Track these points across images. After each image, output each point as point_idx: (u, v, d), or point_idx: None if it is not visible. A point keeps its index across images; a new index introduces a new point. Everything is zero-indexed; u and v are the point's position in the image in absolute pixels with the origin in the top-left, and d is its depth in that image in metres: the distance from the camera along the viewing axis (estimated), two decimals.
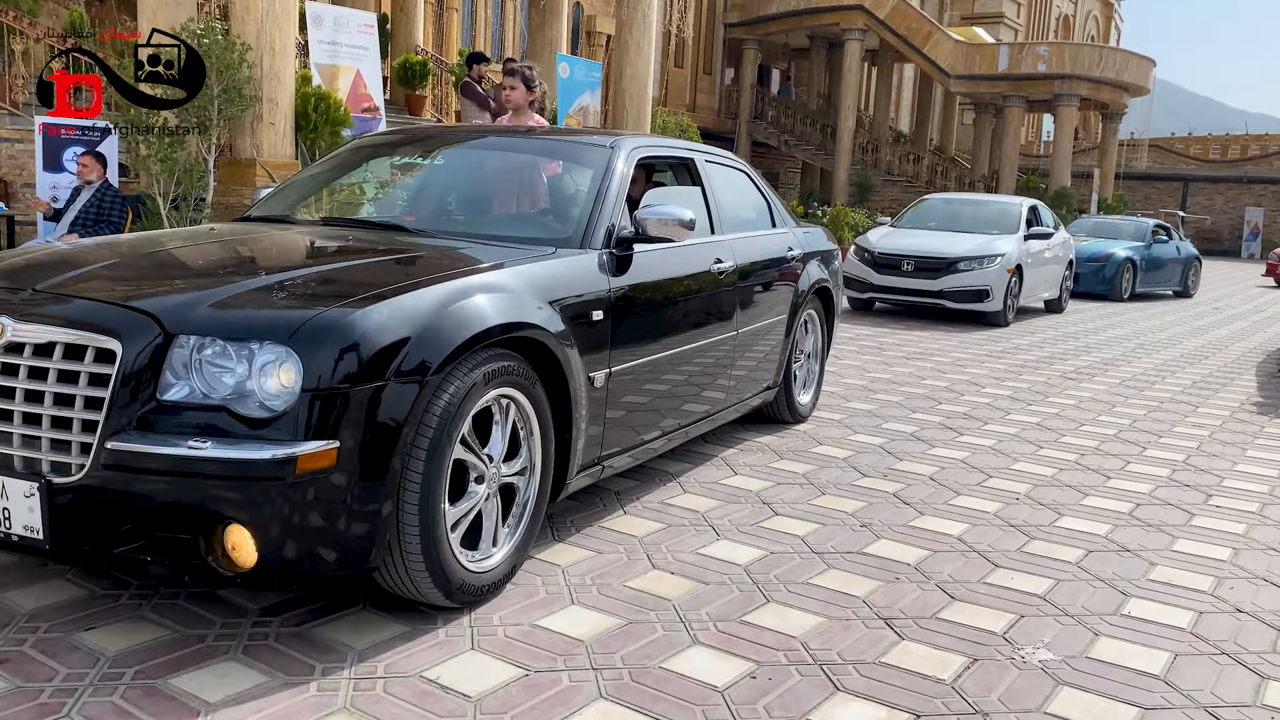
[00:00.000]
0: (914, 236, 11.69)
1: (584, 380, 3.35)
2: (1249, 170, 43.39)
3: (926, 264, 10.98)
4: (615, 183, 3.90)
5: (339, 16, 9.97)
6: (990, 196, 14.04)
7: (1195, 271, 17.73)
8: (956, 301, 10.89)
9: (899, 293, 11.27)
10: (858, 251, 11.63)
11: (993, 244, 11.13)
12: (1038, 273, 12.02)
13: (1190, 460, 5.44)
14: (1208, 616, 3.28)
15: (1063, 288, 13.27)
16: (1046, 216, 12.78)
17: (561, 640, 2.86)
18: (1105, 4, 51.33)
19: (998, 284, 10.82)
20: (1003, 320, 11.06)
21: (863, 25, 28.92)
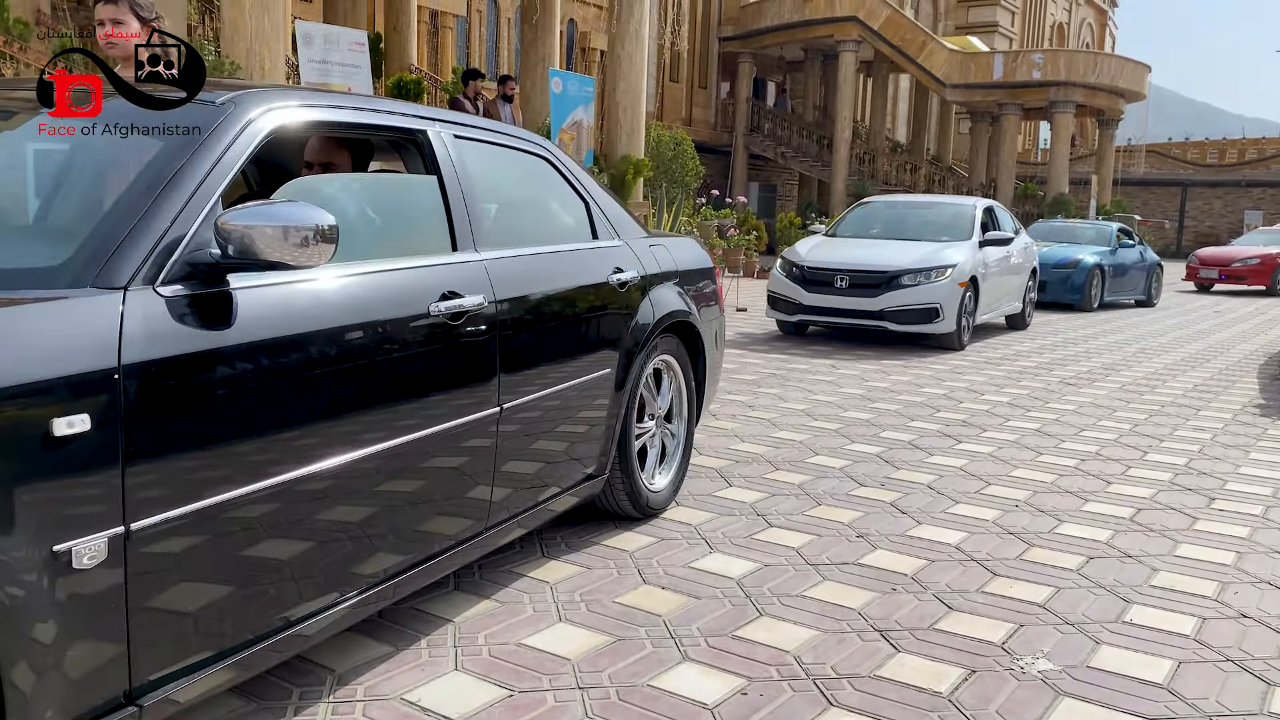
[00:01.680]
0: (850, 247, 10.09)
1: None
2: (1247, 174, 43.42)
3: (864, 279, 9.34)
4: (207, 165, 2.24)
5: (329, 35, 9.96)
6: (939, 198, 12.07)
7: (1158, 278, 16.86)
8: (900, 323, 9.29)
9: (832, 314, 9.59)
10: (784, 266, 10.02)
11: (942, 253, 9.54)
12: (996, 284, 10.50)
13: (1192, 464, 5.36)
14: (1212, 622, 3.20)
15: (1026, 300, 11.76)
16: (1005, 219, 11.27)
17: (548, 659, 2.78)
18: (1099, 11, 51.47)
19: (949, 300, 9.22)
20: (956, 343, 9.51)
21: (857, 36, 28.98)
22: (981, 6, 40.25)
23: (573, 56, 26.39)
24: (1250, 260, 19.24)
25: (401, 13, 17.27)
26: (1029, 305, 11.90)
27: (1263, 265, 19.20)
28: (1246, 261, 19.27)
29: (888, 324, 9.32)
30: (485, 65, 24.37)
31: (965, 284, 9.35)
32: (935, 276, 9.18)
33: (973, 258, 9.66)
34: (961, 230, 10.19)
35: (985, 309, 10.24)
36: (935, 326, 9.28)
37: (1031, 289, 11.94)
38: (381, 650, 2.80)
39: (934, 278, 9.18)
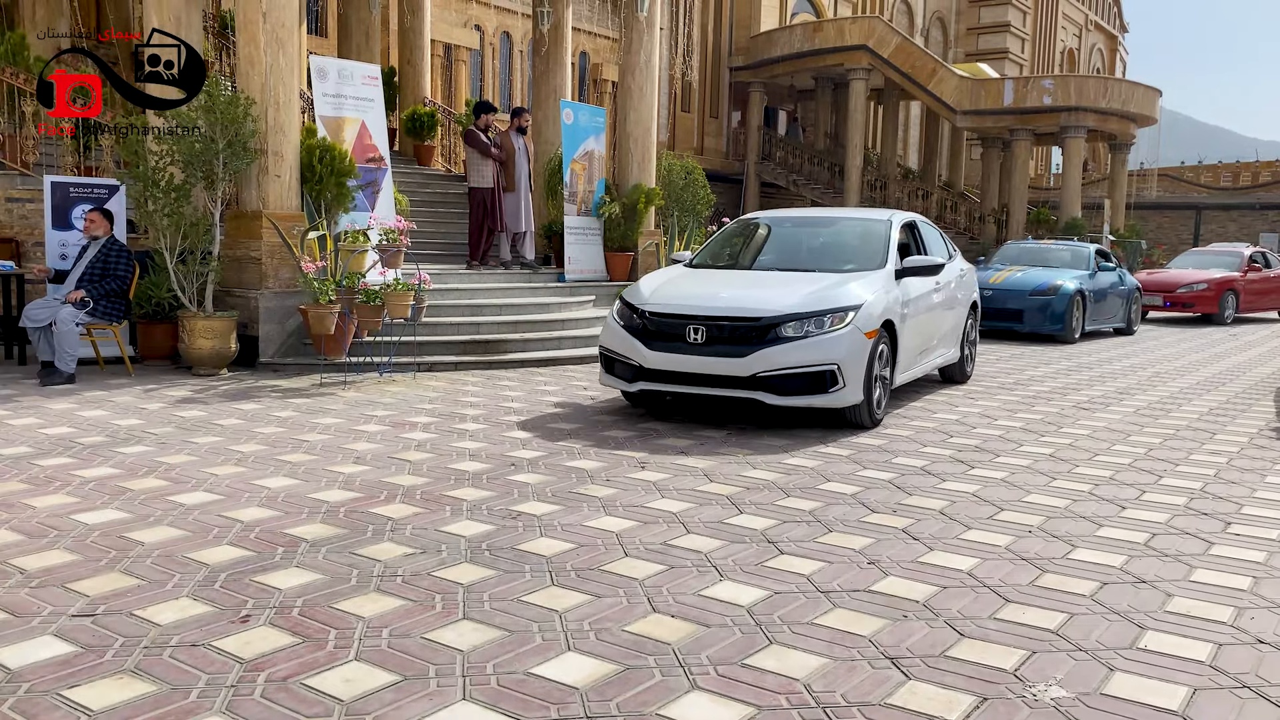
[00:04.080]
0: (714, 283, 7.21)
1: None
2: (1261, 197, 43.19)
3: (728, 330, 6.43)
4: None
5: (343, 69, 10.08)
6: (844, 212, 9.25)
7: (1137, 304, 15.65)
8: (783, 393, 6.35)
9: (684, 380, 6.55)
10: (621, 311, 6.99)
11: (842, 289, 6.69)
12: (922, 328, 7.68)
13: (1208, 488, 5.31)
14: (1227, 648, 3.16)
15: (965, 345, 9.03)
16: (934, 240, 8.73)
17: (556, 688, 2.77)
18: (1109, 36, 51.56)
19: (851, 358, 6.38)
20: (864, 418, 6.66)
21: (867, 64, 29.10)
22: (991, 34, 40.40)
23: (585, 88, 26.60)
24: (1198, 285, 17.48)
25: (415, 47, 17.47)
26: (969, 350, 9.23)
27: (1210, 291, 17.42)
28: (1193, 287, 17.51)
29: (763, 395, 6.36)
30: (499, 97, 24.60)
31: (875, 333, 6.57)
32: (831, 324, 6.39)
33: (886, 294, 6.93)
34: (871, 256, 7.47)
35: (908, 364, 7.46)
36: (833, 397, 6.40)
37: (973, 329, 9.31)
38: (389, 679, 2.79)
39: (829, 325, 6.38)
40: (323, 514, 4.43)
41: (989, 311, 12.96)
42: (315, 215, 9.10)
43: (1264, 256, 18.79)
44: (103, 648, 2.96)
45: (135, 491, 4.72)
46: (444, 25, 21.99)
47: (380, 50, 16.90)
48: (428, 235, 12.57)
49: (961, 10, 40.75)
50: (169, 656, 2.91)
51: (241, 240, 9.11)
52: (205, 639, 3.03)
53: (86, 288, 7.91)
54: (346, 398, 7.52)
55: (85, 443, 5.71)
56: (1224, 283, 17.36)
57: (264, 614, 3.25)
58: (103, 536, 4.03)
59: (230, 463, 5.35)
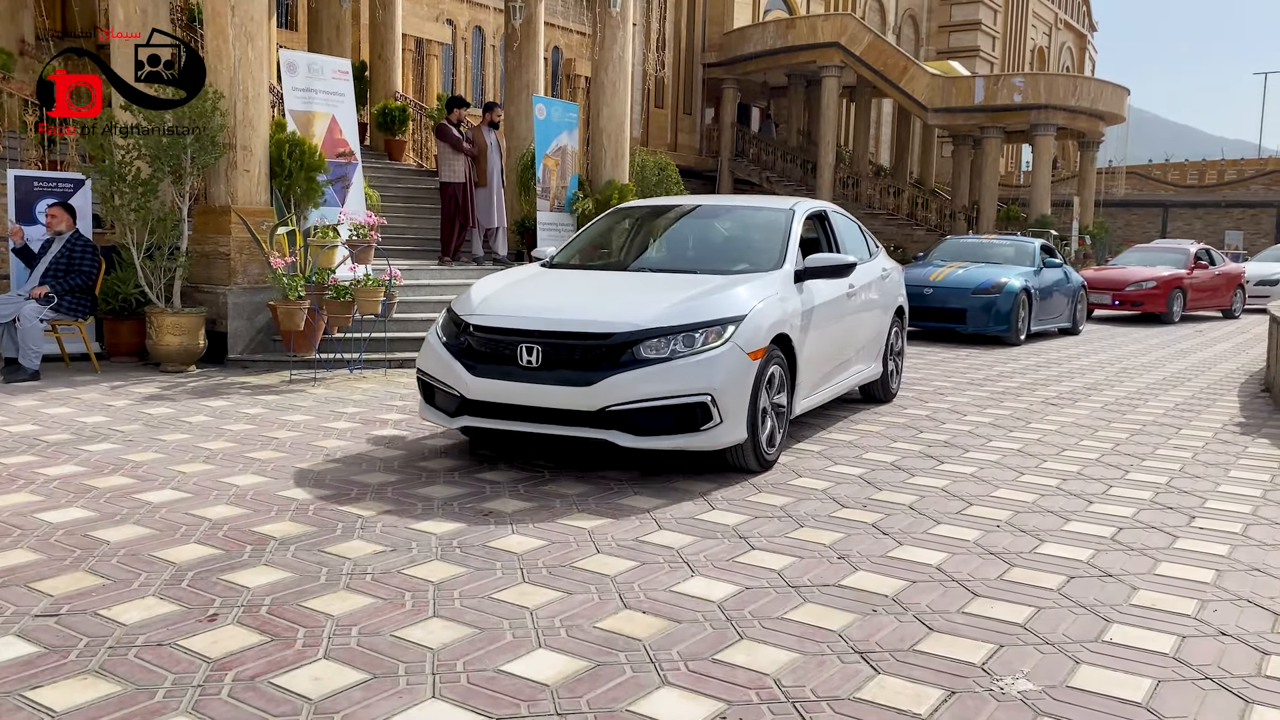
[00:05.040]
0: (564, 288, 5.83)
1: None
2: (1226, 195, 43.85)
3: (570, 351, 5.03)
4: None
5: (313, 63, 9.98)
6: (740, 201, 7.41)
7: (1082, 302, 14.89)
8: (640, 432, 4.94)
9: (515, 415, 5.12)
10: (445, 325, 5.56)
11: (720, 296, 5.34)
12: (831, 342, 6.37)
13: (1173, 482, 5.38)
14: (1191, 640, 3.20)
15: (888, 357, 7.66)
16: (847, 233, 7.32)
17: (526, 685, 2.77)
18: (1079, 35, 52.06)
19: (730, 383, 5.00)
20: (750, 459, 5.24)
21: (839, 62, 29.22)
22: (962, 32, 40.70)
23: (558, 83, 26.54)
24: (1147, 284, 16.83)
25: (386, 41, 17.34)
26: (895, 364, 7.97)
27: (1159, 289, 16.79)
28: (1142, 285, 16.84)
29: (615, 436, 4.91)
30: (471, 92, 24.49)
31: (763, 351, 5.18)
32: (705, 341, 5.00)
33: (782, 301, 5.60)
34: (767, 254, 6.12)
35: (812, 386, 6.12)
36: (706, 436, 4.96)
37: (899, 339, 8.01)
38: (358, 678, 2.78)
39: (702, 343, 4.99)
40: (292, 512, 4.40)
41: (929, 311, 12.58)
42: (285, 210, 9.02)
43: (1208, 254, 18.45)
44: (66, 648, 2.92)
45: (101, 489, 4.67)
46: (415, 19, 21.86)
47: (351, 44, 16.78)
48: (399, 231, 12.50)
49: (933, 8, 41.03)
50: (134, 656, 2.88)
51: (210, 235, 9.01)
52: (171, 638, 3.00)
53: (51, 283, 7.81)
54: (316, 395, 7.46)
55: (50, 440, 5.63)
56: (1172, 281, 16.92)
57: (232, 613, 3.22)
58: (67, 535, 3.98)
59: (198, 460, 5.30)
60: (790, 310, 5.68)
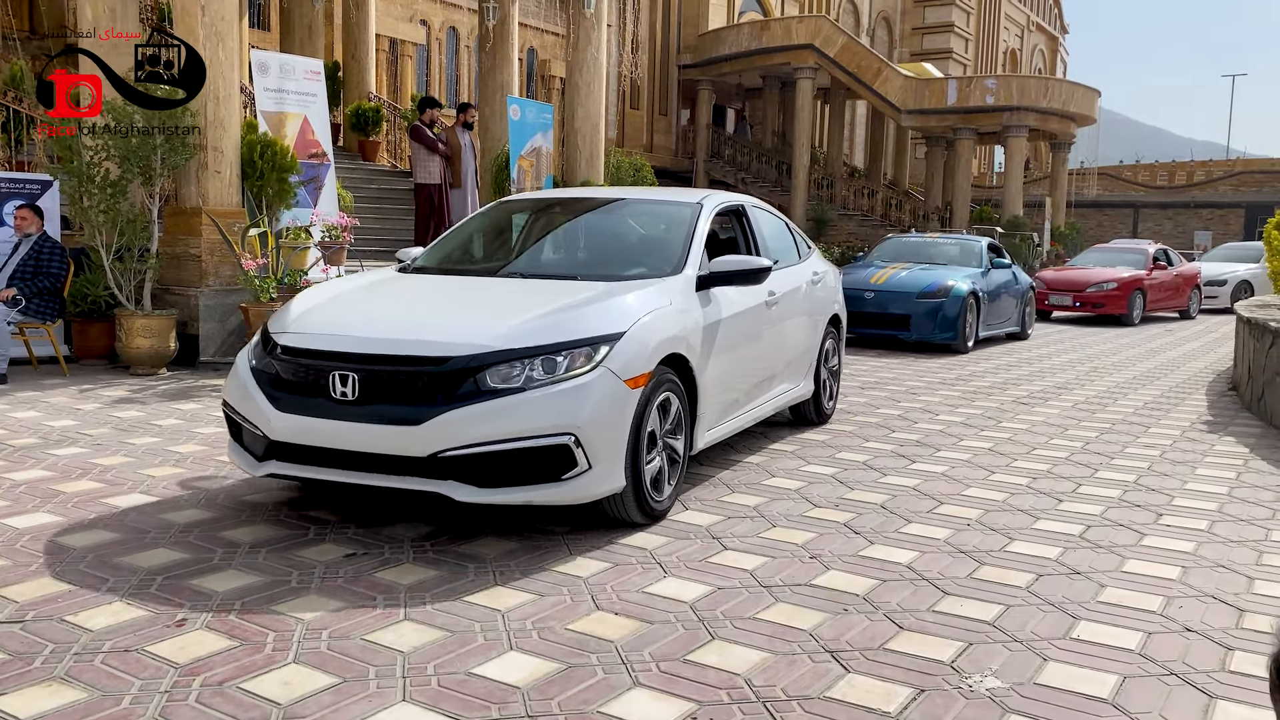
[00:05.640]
0: (406, 297, 4.92)
1: None
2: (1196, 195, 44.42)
3: (394, 378, 4.03)
4: None
5: (285, 63, 9.92)
6: (639, 193, 6.49)
7: (1031, 305, 14.07)
8: (483, 483, 3.91)
9: (328, 461, 4.06)
10: (258, 344, 4.52)
11: (593, 309, 4.39)
12: (745, 359, 5.41)
13: (1141, 480, 5.44)
14: (1157, 637, 3.24)
15: (821, 373, 6.70)
16: (772, 232, 6.36)
17: (497, 688, 2.76)
18: (1051, 37, 52.52)
19: (601, 419, 4.01)
20: (632, 511, 4.25)
21: (813, 64, 29.34)
22: (936, 33, 40.96)
23: (533, 84, 26.50)
24: (1107, 285, 16.49)
25: (360, 41, 17.27)
26: (828, 380, 6.90)
27: (1119, 290, 16.45)
28: (1103, 286, 16.48)
29: (452, 488, 3.89)
30: (445, 93, 24.41)
31: (647, 376, 4.19)
32: (569, 365, 4.03)
33: (680, 314, 4.66)
34: (666, 255, 5.15)
35: (721, 414, 5.15)
36: (569, 487, 3.97)
37: (835, 353, 7.06)
38: (328, 681, 2.76)
39: (565, 368, 4.02)
40: (263, 516, 4.37)
41: (870, 318, 11.62)
42: (256, 212, 8.95)
43: (1166, 254, 18.24)
44: (31, 655, 2.89)
45: (68, 494, 4.62)
46: (389, 20, 21.77)
47: (324, 44, 16.68)
48: (372, 232, 12.45)
49: (906, 10, 41.27)
50: (100, 662, 2.85)
51: (180, 237, 8.94)
52: (139, 644, 2.98)
53: (18, 286, 7.72)
54: None
55: (16, 444, 5.57)
56: (1132, 282, 16.66)
57: (201, 618, 3.19)
58: (33, 541, 3.94)
59: (168, 464, 5.25)
60: (689, 324, 4.68)
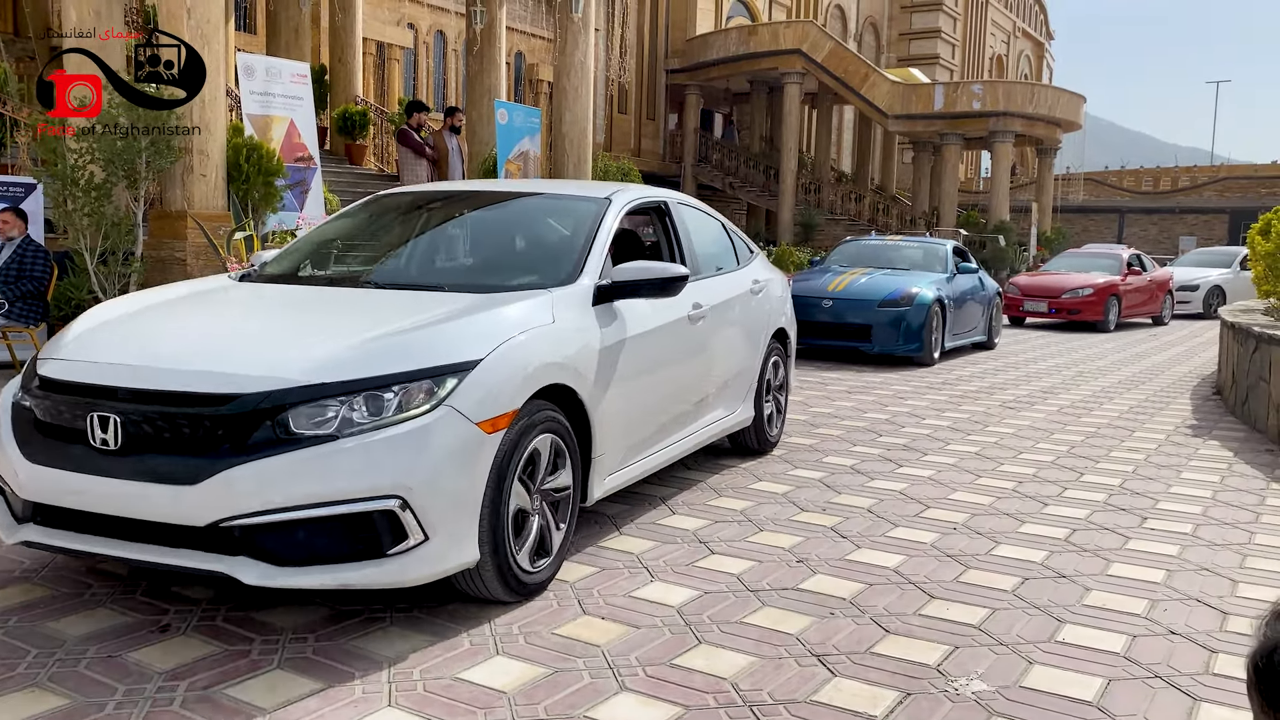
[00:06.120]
0: (214, 317, 3.94)
1: None
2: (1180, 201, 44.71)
3: (169, 422, 3.08)
4: None
5: (271, 67, 9.91)
6: (540, 186, 5.68)
7: (998, 312, 13.23)
8: (284, 560, 2.99)
9: (88, 527, 3.15)
10: (25, 375, 3.53)
11: (452, 328, 3.47)
12: (663, 381, 4.57)
13: (1126, 484, 5.47)
14: (1141, 640, 3.26)
15: (764, 393, 5.86)
16: (703, 232, 5.50)
17: (483, 692, 2.76)
18: (1037, 43, 52.81)
19: (443, 476, 3.09)
20: (496, 586, 3.33)
21: (801, 69, 29.41)
22: (923, 39, 41.13)
23: (521, 88, 26.50)
24: (1084, 291, 16.06)
25: (347, 45, 17.24)
26: (775, 402, 6.12)
27: (1095, 296, 16.05)
28: (1079, 292, 16.05)
29: (240, 568, 2.98)
30: (432, 96, 24.38)
31: (510, 416, 3.33)
32: (402, 404, 3.13)
33: (572, 333, 3.86)
34: (560, 261, 4.27)
35: (630, 452, 4.31)
36: (396, 565, 3.05)
37: (781, 371, 6.20)
38: (313, 687, 2.75)
39: (395, 408, 3.12)
40: None
41: (828, 328, 10.73)
42: (242, 215, 8.93)
43: (1139, 259, 17.92)
44: (14, 660, 2.87)
45: None
46: (376, 23, 21.73)
47: (310, 48, 16.63)
48: None
49: (894, 16, 41.44)
50: (84, 668, 2.83)
51: (165, 241, 8.90)
52: (122, 650, 2.96)
53: (1, 290, 7.66)
54: None
55: None
56: (1108, 288, 16.25)
57: (185, 623, 3.17)
58: (14, 547, 3.90)
59: None
60: (580, 346, 3.81)
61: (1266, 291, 9.19)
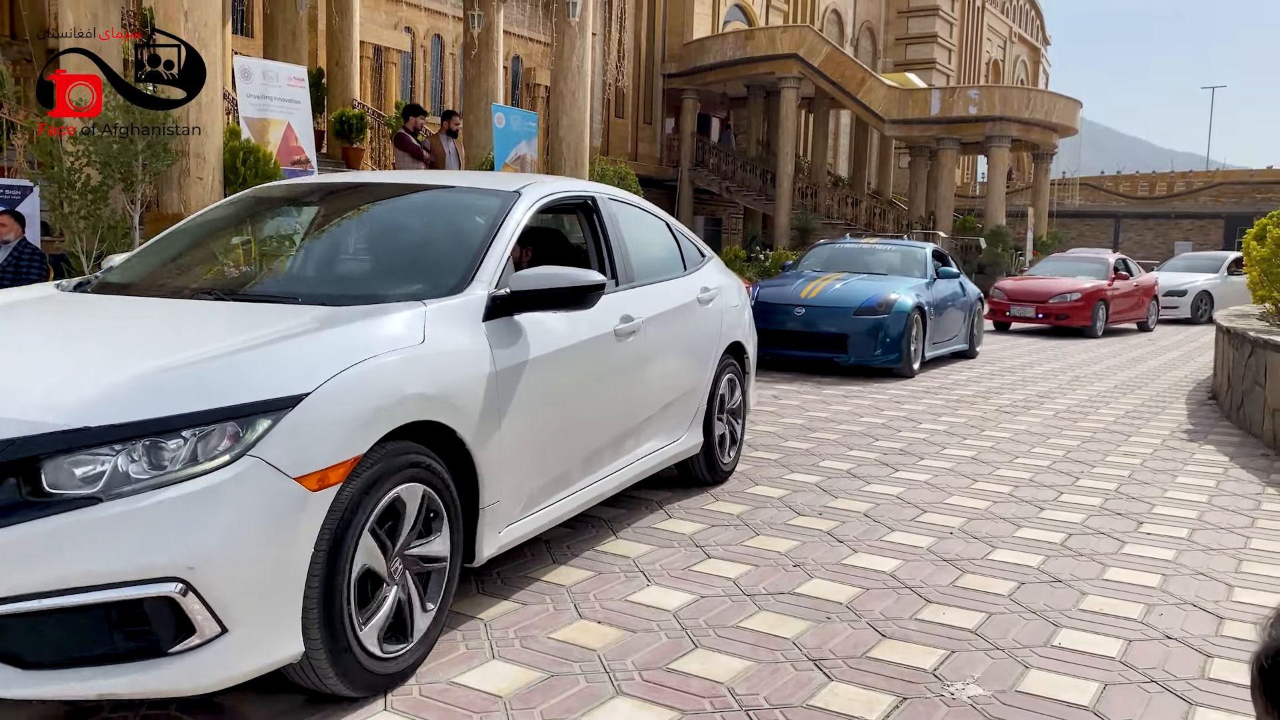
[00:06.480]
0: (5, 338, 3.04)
1: None
2: (1176, 206, 44.81)
3: None
4: None
5: (268, 70, 9.91)
6: (440, 178, 5.04)
7: (979, 318, 12.48)
8: (30, 662, 2.28)
9: None
10: None
11: (274, 352, 2.71)
12: (580, 410, 3.86)
13: (1122, 489, 5.47)
14: (1137, 644, 3.26)
15: (716, 417, 5.22)
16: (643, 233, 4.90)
17: (479, 697, 2.75)
18: (1033, 49, 52.94)
19: (244, 551, 2.40)
20: (335, 681, 2.63)
21: (798, 73, 29.47)
22: (919, 44, 41.23)
23: (518, 92, 26.52)
24: (1071, 296, 15.77)
25: (344, 48, 17.25)
26: (731, 426, 5.45)
27: (1083, 301, 15.76)
28: (1066, 297, 15.78)
29: None
30: (430, 100, 24.39)
31: (347, 467, 2.60)
32: (194, 455, 2.40)
33: (441, 357, 3.08)
34: (448, 268, 3.55)
35: (533, 500, 3.58)
36: (186, 669, 2.34)
37: (737, 388, 5.53)
38: (307, 692, 2.74)
39: (185, 459, 2.39)
40: None
41: (801, 338, 10.07)
42: None
43: (1125, 264, 17.61)
44: None
45: None
46: (374, 27, 21.75)
47: (308, 51, 16.66)
48: None
49: (890, 21, 41.53)
50: None
51: None
52: None
53: None
54: None
55: None
56: (1095, 293, 15.97)
57: None
58: None
59: None
60: (463, 371, 3.11)
61: (1262, 296, 9.21)
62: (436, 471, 2.94)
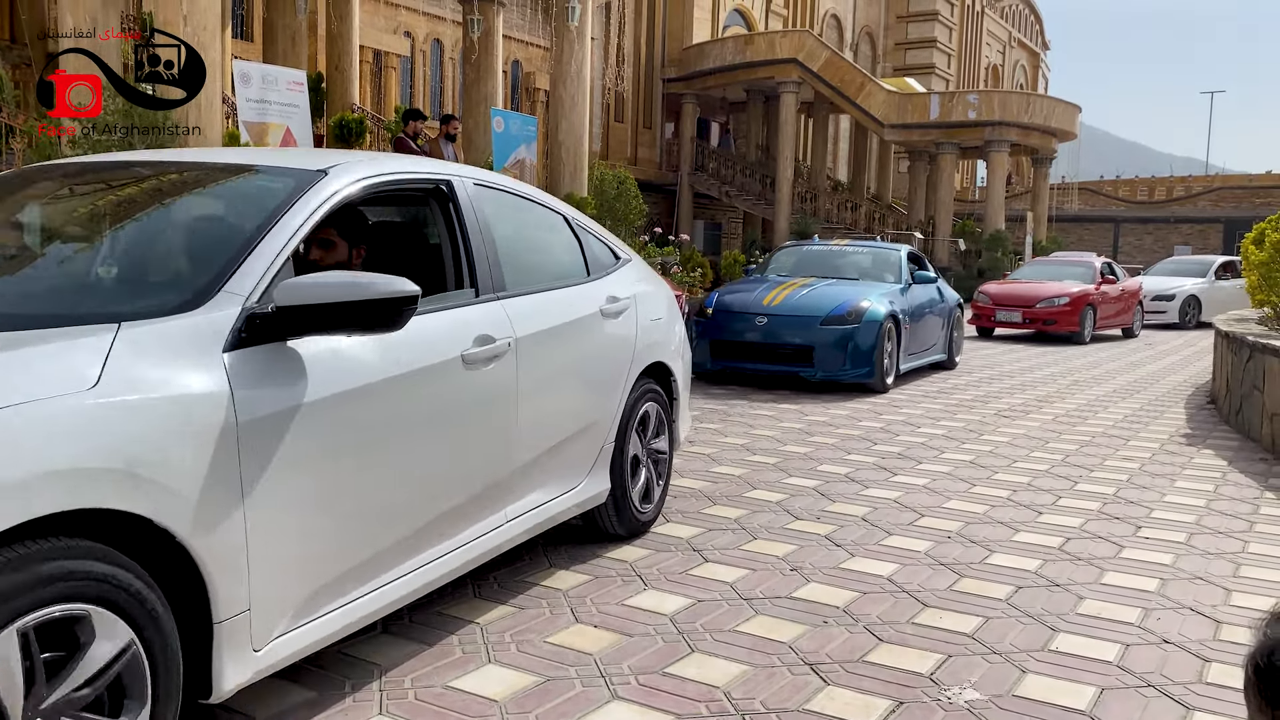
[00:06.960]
0: None
1: None
2: (1175, 211, 44.82)
3: None
4: None
5: (267, 74, 9.92)
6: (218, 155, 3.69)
7: (959, 326, 11.54)
8: None
9: None
10: None
11: None
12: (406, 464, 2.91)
13: (1120, 493, 5.47)
14: (1134, 649, 3.25)
15: (627, 459, 4.24)
16: (518, 230, 3.91)
17: (475, 701, 2.75)
18: (1032, 53, 53.00)
19: None
20: None
21: (797, 78, 29.50)
22: (918, 49, 41.26)
23: (517, 96, 26.54)
24: (1059, 300, 15.26)
25: (343, 53, 17.28)
26: (650, 469, 4.50)
27: (1071, 306, 15.27)
28: (1054, 302, 15.28)
29: None
30: (429, 104, 24.40)
31: None
32: None
33: (137, 407, 2.09)
34: (196, 272, 2.61)
35: (324, 598, 2.59)
36: None
37: (665, 422, 4.61)
38: (304, 695, 2.74)
39: None
40: None
41: (761, 350, 9.19)
42: None
43: (1111, 267, 17.22)
44: None
45: None
46: (373, 31, 21.77)
47: (307, 55, 16.68)
48: None
49: (890, 25, 41.57)
50: None
51: None
52: None
53: None
54: None
55: None
56: (1083, 297, 15.47)
57: None
58: None
59: None
60: (170, 427, 2.14)
61: (1260, 300, 9.21)
62: (135, 590, 2.04)
